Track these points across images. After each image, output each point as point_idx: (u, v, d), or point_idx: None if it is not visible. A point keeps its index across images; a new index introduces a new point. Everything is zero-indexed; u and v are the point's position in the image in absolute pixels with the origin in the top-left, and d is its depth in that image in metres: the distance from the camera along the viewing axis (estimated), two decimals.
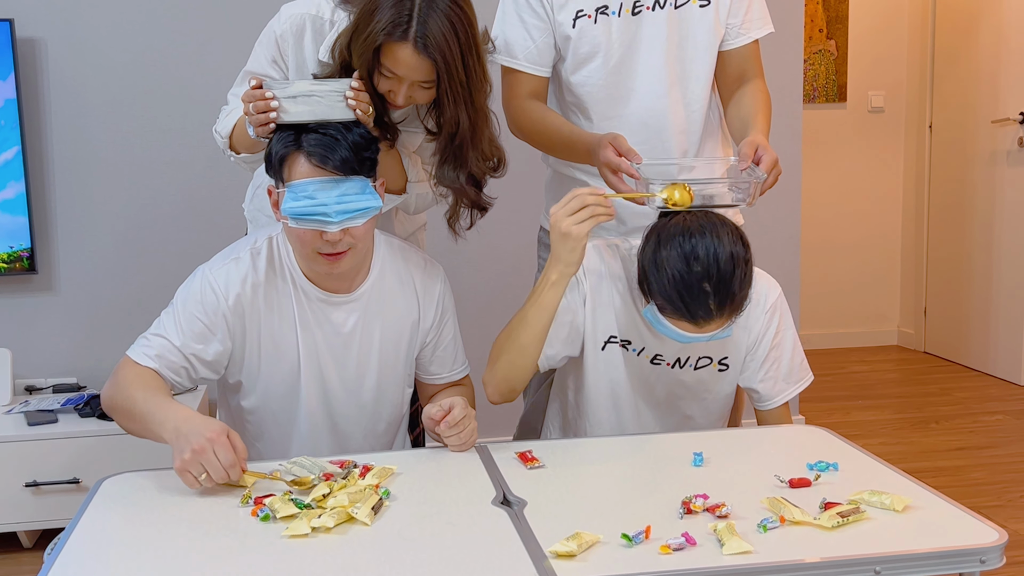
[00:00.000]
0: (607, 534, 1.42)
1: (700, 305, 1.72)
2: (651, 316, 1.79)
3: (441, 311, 1.99)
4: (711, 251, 1.72)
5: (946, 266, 4.92)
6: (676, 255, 1.73)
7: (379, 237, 1.96)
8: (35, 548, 2.92)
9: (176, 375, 1.84)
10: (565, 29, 2.07)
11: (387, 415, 1.99)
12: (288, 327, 1.88)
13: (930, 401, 4.32)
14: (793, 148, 3.63)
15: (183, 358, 1.83)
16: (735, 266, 1.73)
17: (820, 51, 5.01)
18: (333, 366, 1.91)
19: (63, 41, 3.12)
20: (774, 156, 1.90)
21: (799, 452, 1.78)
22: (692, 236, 1.74)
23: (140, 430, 1.77)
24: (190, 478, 1.61)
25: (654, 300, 1.78)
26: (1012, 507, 3.13)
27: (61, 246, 3.19)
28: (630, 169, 1.87)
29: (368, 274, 1.91)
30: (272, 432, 1.96)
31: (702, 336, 1.79)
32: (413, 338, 1.97)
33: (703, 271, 1.71)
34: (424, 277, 1.97)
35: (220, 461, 1.60)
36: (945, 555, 1.39)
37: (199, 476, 1.60)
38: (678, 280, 1.72)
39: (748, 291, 1.78)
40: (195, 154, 3.17)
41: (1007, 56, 4.43)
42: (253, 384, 1.91)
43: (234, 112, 2.00)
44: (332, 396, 1.93)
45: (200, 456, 1.60)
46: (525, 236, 2.66)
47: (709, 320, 1.74)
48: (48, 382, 3.19)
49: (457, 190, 1.95)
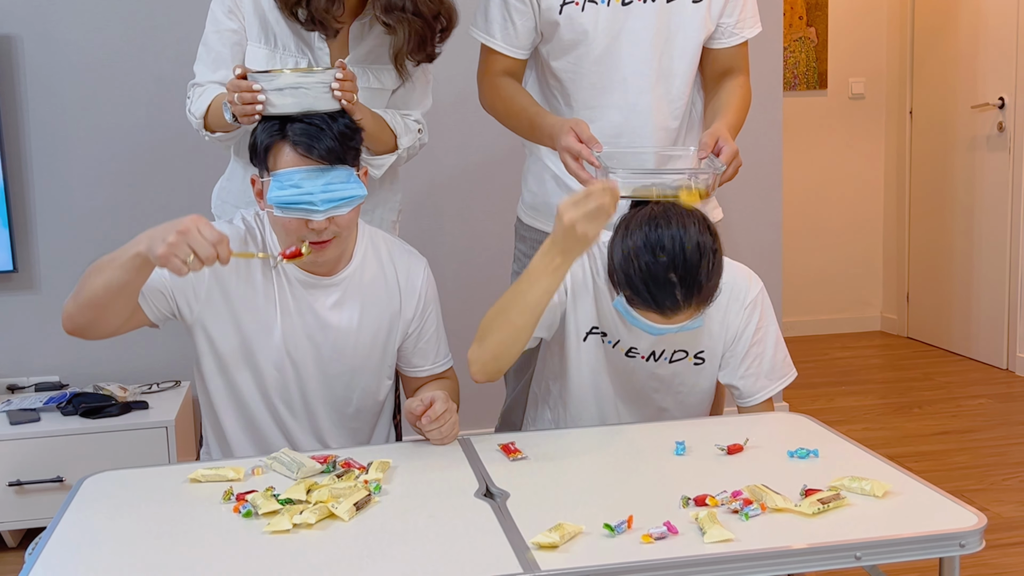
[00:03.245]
0: (589, 525, 1.42)
1: (667, 295, 1.72)
2: (621, 308, 1.79)
3: (423, 303, 1.99)
4: (677, 240, 1.71)
5: (928, 251, 4.95)
6: (642, 245, 1.72)
7: (363, 227, 1.97)
8: (19, 548, 2.91)
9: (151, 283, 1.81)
10: (552, 15, 2.07)
11: (357, 401, 1.98)
12: (269, 301, 1.88)
13: (913, 386, 4.34)
14: (773, 136, 3.64)
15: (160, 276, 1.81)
16: (701, 255, 1.72)
17: (800, 38, 5.02)
18: (308, 346, 1.90)
19: (38, 37, 3.10)
20: (734, 148, 1.91)
21: (780, 440, 1.79)
22: (658, 226, 1.73)
23: (109, 279, 1.69)
24: (176, 263, 1.57)
25: (622, 291, 1.77)
26: (994, 490, 3.16)
27: (40, 244, 3.17)
28: (590, 156, 1.88)
29: (351, 260, 1.91)
30: (248, 405, 1.93)
31: (671, 327, 1.78)
32: (394, 328, 1.97)
33: (668, 261, 1.71)
34: (407, 268, 1.98)
35: (205, 237, 1.57)
36: (925, 539, 1.40)
37: (186, 259, 1.57)
38: (644, 271, 1.71)
39: (717, 281, 1.77)
40: (174, 150, 3.16)
41: (986, 42, 4.45)
42: (230, 349, 1.89)
43: (207, 92, 2.01)
44: (304, 372, 1.91)
45: (185, 236, 1.56)
46: (506, 227, 2.66)
47: (677, 311, 1.74)
48: (30, 381, 3.17)
49: (404, 21, 1.97)
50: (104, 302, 1.73)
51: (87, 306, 1.75)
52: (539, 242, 2.25)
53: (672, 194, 1.80)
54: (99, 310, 1.75)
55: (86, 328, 1.79)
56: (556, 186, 2.22)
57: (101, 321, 1.78)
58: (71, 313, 1.78)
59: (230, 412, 1.94)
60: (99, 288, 1.71)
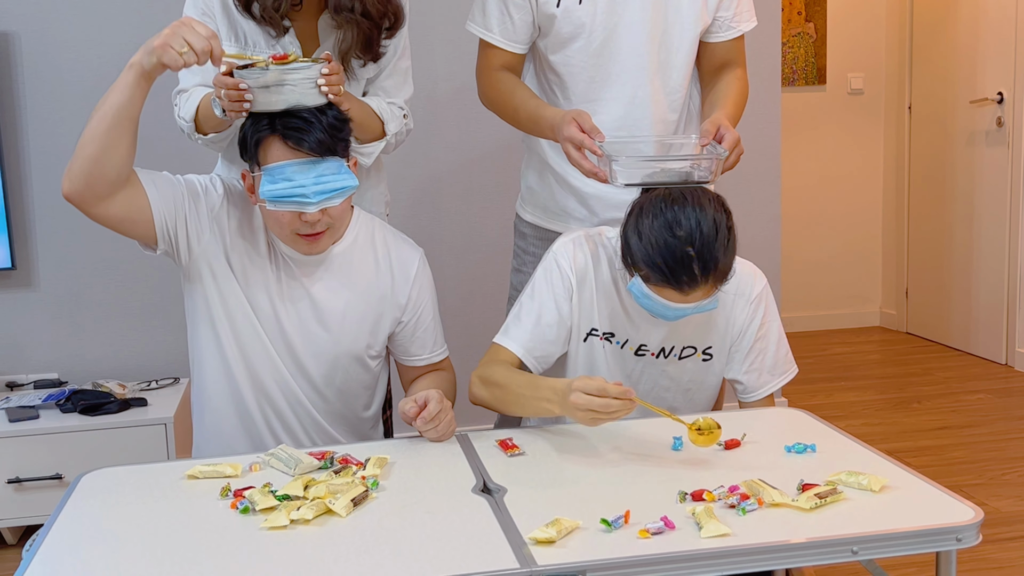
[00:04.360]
0: (586, 520, 1.42)
1: (684, 269, 1.72)
2: (636, 290, 1.78)
3: (418, 290, 1.99)
4: (693, 218, 1.72)
5: (927, 247, 4.94)
6: (660, 223, 1.73)
7: (359, 211, 1.99)
8: (18, 545, 2.92)
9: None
10: (549, 8, 2.07)
11: (339, 382, 1.97)
12: (262, 265, 1.90)
13: (912, 381, 4.34)
14: (772, 131, 3.64)
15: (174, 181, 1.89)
16: (718, 231, 1.73)
17: (799, 34, 5.01)
18: (293, 315, 1.92)
19: (36, 34, 3.10)
20: (736, 135, 1.91)
21: (777, 434, 1.79)
22: (675, 205, 1.74)
23: (108, 105, 1.72)
24: (173, 53, 1.65)
25: (638, 270, 1.77)
26: (993, 485, 3.16)
27: (39, 241, 3.17)
28: (593, 146, 1.88)
29: (341, 240, 1.93)
30: (235, 370, 1.94)
31: (687, 307, 1.77)
32: (384, 311, 1.97)
33: (686, 235, 1.71)
34: (400, 254, 1.99)
35: (199, 32, 1.66)
36: (921, 534, 1.40)
37: (181, 50, 1.64)
38: (662, 246, 1.72)
39: (732, 259, 1.78)
40: (171, 147, 3.15)
41: (985, 36, 4.44)
42: (220, 303, 1.90)
43: (193, 95, 2.00)
44: (289, 341, 1.92)
45: (179, 29, 1.66)
46: (505, 223, 2.66)
47: (694, 286, 1.74)
48: (29, 378, 3.18)
49: (352, 22, 1.97)
50: (104, 134, 1.72)
51: (88, 143, 1.73)
52: (538, 238, 2.27)
53: (678, 182, 1.81)
54: (100, 149, 1.73)
55: (85, 184, 1.75)
56: (556, 182, 2.22)
57: (102, 167, 1.74)
58: (71, 168, 1.75)
59: (216, 369, 1.94)
60: (98, 120, 1.72)
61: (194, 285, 1.91)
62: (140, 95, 1.74)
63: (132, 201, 1.81)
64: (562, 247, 1.95)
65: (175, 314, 3.11)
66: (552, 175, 2.22)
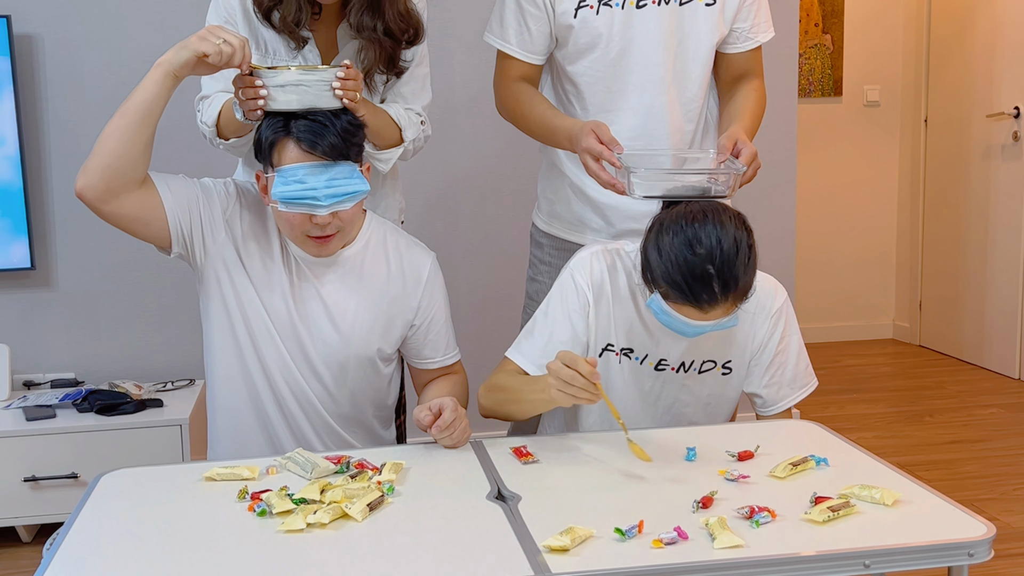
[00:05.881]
0: (600, 528, 1.43)
1: (704, 287, 1.71)
2: (656, 306, 1.78)
3: (430, 293, 2.01)
4: (714, 235, 1.72)
5: (941, 260, 4.94)
6: (680, 240, 1.73)
7: (372, 216, 2.00)
8: (34, 542, 2.94)
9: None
10: (566, 19, 2.08)
11: (351, 384, 1.98)
12: (274, 269, 1.92)
13: (924, 395, 4.33)
14: (788, 143, 3.65)
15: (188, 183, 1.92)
16: (738, 249, 1.72)
17: (816, 45, 5.02)
18: (305, 317, 1.93)
19: (60, 37, 3.13)
20: (753, 150, 1.92)
21: (790, 447, 1.79)
22: (695, 222, 1.74)
23: (131, 103, 1.77)
24: (211, 43, 1.73)
25: (657, 287, 1.77)
26: (1005, 500, 3.15)
27: (58, 242, 3.20)
28: (611, 157, 1.89)
29: (353, 244, 1.94)
30: (248, 363, 1.95)
31: (707, 324, 1.77)
32: (395, 315, 1.98)
33: (707, 254, 1.71)
34: (412, 257, 2.01)
35: (232, 34, 1.74)
36: (934, 549, 1.41)
37: (218, 42, 1.72)
38: (682, 263, 1.71)
39: (752, 278, 1.77)
40: (191, 148, 3.18)
41: (1002, 50, 4.44)
42: (235, 302, 1.92)
43: (215, 100, 2.03)
44: (302, 342, 1.94)
45: (214, 29, 1.75)
46: (520, 231, 2.67)
47: (714, 304, 1.73)
48: (46, 377, 3.20)
49: (375, 40, 1.99)
50: (125, 130, 1.76)
51: (107, 138, 1.76)
52: (555, 248, 2.28)
53: (696, 195, 1.82)
54: (120, 144, 1.76)
55: (100, 180, 1.77)
56: (573, 194, 2.23)
57: (120, 163, 1.77)
58: (87, 164, 1.78)
59: (229, 369, 1.96)
60: (120, 116, 1.77)
61: (208, 287, 1.93)
62: (165, 94, 1.77)
63: (144, 201, 1.84)
64: (579, 262, 1.95)
65: (192, 316, 3.12)
66: (569, 186, 2.23)
